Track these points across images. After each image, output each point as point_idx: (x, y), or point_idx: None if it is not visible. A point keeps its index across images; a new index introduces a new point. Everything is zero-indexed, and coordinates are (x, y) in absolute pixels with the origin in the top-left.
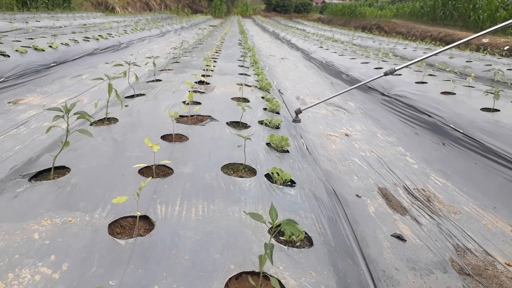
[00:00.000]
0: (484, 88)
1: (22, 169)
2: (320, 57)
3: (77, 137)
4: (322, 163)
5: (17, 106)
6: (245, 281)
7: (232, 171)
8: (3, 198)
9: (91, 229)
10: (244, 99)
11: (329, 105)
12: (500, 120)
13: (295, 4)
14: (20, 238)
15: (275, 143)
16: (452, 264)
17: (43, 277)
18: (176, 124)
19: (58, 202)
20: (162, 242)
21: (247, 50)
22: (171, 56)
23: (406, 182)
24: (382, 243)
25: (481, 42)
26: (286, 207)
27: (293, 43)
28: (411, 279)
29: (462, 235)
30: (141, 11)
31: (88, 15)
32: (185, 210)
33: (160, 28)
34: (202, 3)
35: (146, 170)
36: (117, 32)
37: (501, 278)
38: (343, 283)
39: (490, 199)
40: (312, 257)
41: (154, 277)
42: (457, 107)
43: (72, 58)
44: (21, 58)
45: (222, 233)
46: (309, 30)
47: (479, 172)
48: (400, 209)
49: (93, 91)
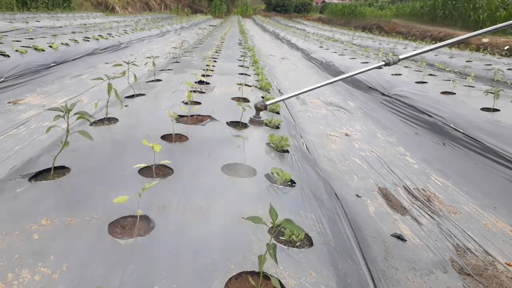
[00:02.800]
0: (484, 88)
1: (22, 169)
2: (320, 57)
3: (77, 137)
4: (322, 163)
5: (17, 106)
6: (245, 281)
7: (232, 171)
8: (3, 198)
9: (91, 229)
10: (244, 99)
11: (329, 105)
12: (500, 120)
13: (295, 4)
14: (20, 238)
15: (275, 143)
16: (452, 264)
17: (43, 277)
18: (176, 124)
19: (58, 202)
20: (162, 242)
21: (247, 50)
22: (171, 56)
23: (406, 182)
24: (382, 243)
25: (481, 42)
26: (286, 207)
27: (293, 43)
28: (411, 279)
29: (462, 235)
30: (141, 11)
31: (88, 15)
32: (185, 210)
33: (160, 28)
34: (202, 3)
35: (146, 170)
36: (117, 32)
37: (501, 278)
38: (343, 283)
39: (490, 199)
40: (312, 257)
41: (154, 277)
42: (457, 107)
43: (72, 58)
44: (21, 58)
45: (222, 233)
46: (309, 30)
47: (479, 172)
48: (400, 209)
49: (93, 91)
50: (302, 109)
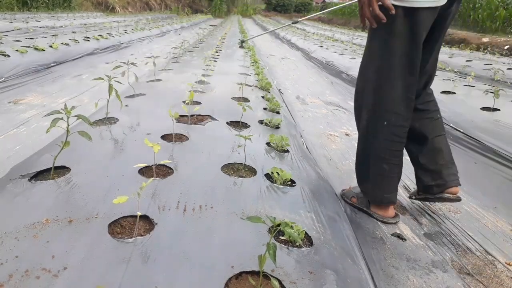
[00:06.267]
0: (484, 87)
1: (22, 169)
2: (320, 57)
3: (77, 137)
4: (322, 162)
5: (17, 106)
6: (245, 280)
7: (232, 170)
8: (3, 197)
9: (91, 229)
10: (244, 99)
11: (329, 105)
12: (500, 119)
13: (295, 4)
14: (20, 237)
15: (275, 142)
16: (452, 263)
17: (43, 276)
18: (176, 124)
19: (58, 202)
20: (162, 242)
21: (247, 49)
22: (171, 55)
23: (406, 182)
24: (382, 243)
25: (481, 41)
26: (286, 206)
27: (293, 43)
28: (411, 278)
29: (462, 234)
30: (141, 11)
31: (88, 15)
32: (185, 210)
33: (160, 28)
34: (202, 3)
35: (146, 170)
36: (117, 32)
37: (501, 277)
38: (343, 283)
39: (490, 198)
40: (312, 257)
41: (154, 276)
42: (457, 106)
43: (73, 58)
44: (21, 58)
45: (222, 233)
46: (309, 30)
47: (479, 171)
48: (400, 209)
49: (94, 90)
50: (302, 109)
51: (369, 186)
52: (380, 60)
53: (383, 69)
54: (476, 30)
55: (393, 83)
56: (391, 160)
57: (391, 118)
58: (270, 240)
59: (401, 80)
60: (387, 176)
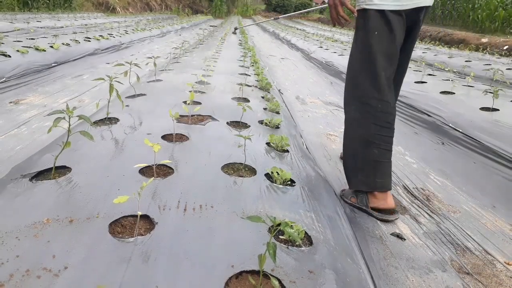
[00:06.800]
0: (483, 88)
1: (23, 169)
2: (320, 57)
3: (78, 136)
4: (321, 162)
5: (18, 106)
6: (245, 280)
7: (232, 170)
8: (4, 197)
9: (92, 228)
10: (244, 99)
11: (328, 105)
12: (499, 119)
13: (295, 5)
14: (20, 237)
15: (275, 142)
16: (452, 263)
17: (44, 276)
18: (177, 124)
19: (59, 202)
20: (162, 242)
21: (247, 50)
22: (171, 56)
23: (405, 181)
24: (382, 242)
25: (480, 41)
26: (286, 206)
27: (293, 43)
28: (410, 278)
29: (461, 234)
30: (141, 11)
31: (89, 15)
32: (185, 210)
33: (161, 29)
34: (203, 4)
35: (147, 170)
36: (118, 33)
37: (501, 277)
38: (343, 282)
39: (490, 198)
40: (311, 256)
41: (155, 276)
42: (457, 106)
43: (73, 58)
44: (22, 58)
45: (222, 233)
46: (309, 30)
47: (479, 171)
48: (400, 208)
49: (94, 91)
50: (301, 109)
51: (360, 174)
52: (362, 54)
53: (365, 61)
54: (475, 31)
55: (376, 73)
56: (381, 145)
57: (377, 104)
58: (270, 239)
59: (383, 70)
60: (377, 161)
